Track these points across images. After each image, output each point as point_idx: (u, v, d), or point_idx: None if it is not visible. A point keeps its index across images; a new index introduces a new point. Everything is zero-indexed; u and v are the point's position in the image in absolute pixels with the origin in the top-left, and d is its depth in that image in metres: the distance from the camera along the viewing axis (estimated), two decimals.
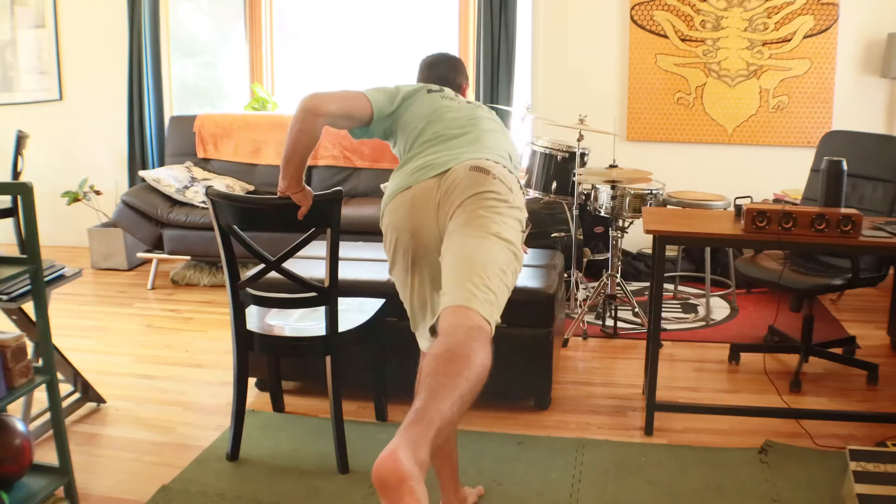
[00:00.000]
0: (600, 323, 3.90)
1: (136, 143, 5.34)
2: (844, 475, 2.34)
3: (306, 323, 2.67)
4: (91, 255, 5.17)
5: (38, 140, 5.21)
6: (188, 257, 4.73)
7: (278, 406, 3.01)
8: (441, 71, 2.37)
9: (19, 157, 4.03)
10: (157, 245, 4.75)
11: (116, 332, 3.96)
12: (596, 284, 4.01)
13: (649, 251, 4.64)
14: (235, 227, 2.42)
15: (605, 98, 4.95)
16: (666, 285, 4.42)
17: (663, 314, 4.01)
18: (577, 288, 4.13)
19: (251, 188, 5.07)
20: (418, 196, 1.98)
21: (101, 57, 5.47)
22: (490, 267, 1.76)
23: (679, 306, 4.24)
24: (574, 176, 4.00)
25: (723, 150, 4.91)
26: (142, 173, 4.85)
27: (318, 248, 2.66)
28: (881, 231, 2.54)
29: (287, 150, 2.12)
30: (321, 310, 2.58)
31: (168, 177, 4.85)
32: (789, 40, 4.69)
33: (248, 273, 2.58)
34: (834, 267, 3.21)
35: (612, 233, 3.85)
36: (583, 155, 4.03)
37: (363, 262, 3.22)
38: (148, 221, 4.70)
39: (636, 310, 3.90)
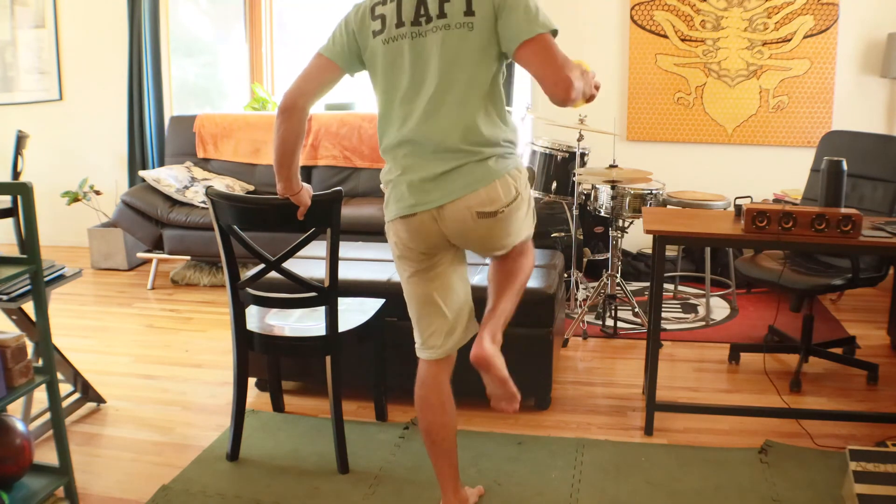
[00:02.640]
0: (600, 323, 3.90)
1: (136, 143, 5.34)
2: (844, 475, 2.34)
3: (306, 323, 2.67)
4: (91, 255, 5.17)
5: (38, 140, 5.21)
6: (188, 257, 4.73)
7: (278, 406, 3.01)
8: None
9: (19, 157, 4.04)
10: (157, 245, 4.75)
11: (116, 332, 3.96)
12: (596, 284, 4.01)
13: (649, 251, 4.64)
14: (235, 227, 2.42)
15: (605, 98, 4.94)
16: (666, 285, 4.42)
17: (663, 314, 4.01)
18: (577, 288, 4.13)
19: (251, 188, 5.07)
20: (423, 230, 1.99)
21: (101, 57, 5.47)
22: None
23: (679, 306, 4.24)
24: (574, 176, 4.00)
25: (723, 150, 4.91)
26: (142, 173, 4.85)
27: (318, 248, 2.66)
28: (881, 231, 2.54)
29: (275, 152, 2.12)
30: (321, 310, 2.58)
31: (168, 177, 4.85)
32: (789, 40, 4.69)
33: (248, 273, 2.58)
34: (834, 267, 3.21)
35: (612, 233, 3.85)
36: (583, 155, 4.03)
37: (363, 262, 3.22)
38: (148, 221, 4.70)
39: (636, 310, 3.90)
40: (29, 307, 2.46)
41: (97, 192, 5.33)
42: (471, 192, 1.91)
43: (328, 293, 2.44)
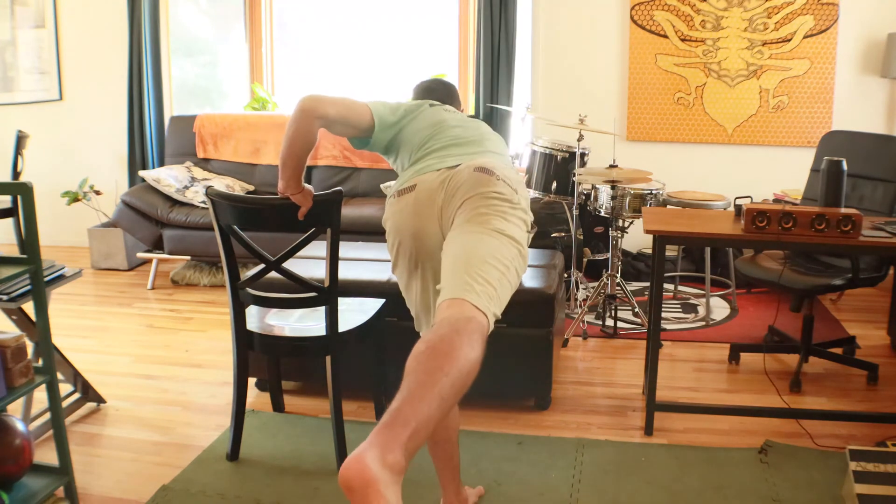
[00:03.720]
0: (600, 323, 3.90)
1: (136, 143, 5.34)
2: (844, 475, 2.34)
3: (306, 323, 2.67)
4: (91, 255, 5.17)
5: (38, 140, 5.21)
6: (188, 257, 4.73)
7: (278, 406, 3.01)
8: (438, 95, 2.36)
9: (19, 157, 4.03)
10: (157, 245, 4.75)
11: (116, 332, 3.96)
12: (596, 284, 4.01)
13: (649, 251, 4.64)
14: (235, 227, 2.42)
15: (605, 98, 4.96)
16: (666, 285, 4.42)
17: (663, 314, 4.01)
18: (577, 288, 4.13)
19: (251, 188, 5.07)
20: (421, 199, 1.96)
21: (101, 57, 5.47)
22: (490, 261, 1.71)
23: (679, 306, 4.24)
24: (574, 176, 4.00)
25: (723, 150, 4.91)
26: (142, 173, 4.85)
27: (318, 248, 2.66)
28: (881, 231, 2.54)
29: (283, 152, 2.10)
30: (321, 310, 2.58)
31: (168, 177, 4.85)
32: (789, 40, 4.69)
33: (248, 273, 2.58)
34: (834, 267, 3.21)
35: (612, 233, 3.85)
36: (583, 155, 4.03)
37: (363, 262, 3.22)
38: (148, 221, 4.70)
39: (636, 310, 3.90)
40: (29, 307, 2.46)
41: (97, 192, 5.33)
42: (478, 156, 2.02)
43: (328, 293, 2.44)
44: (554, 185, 4.12)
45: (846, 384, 3.20)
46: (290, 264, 2.48)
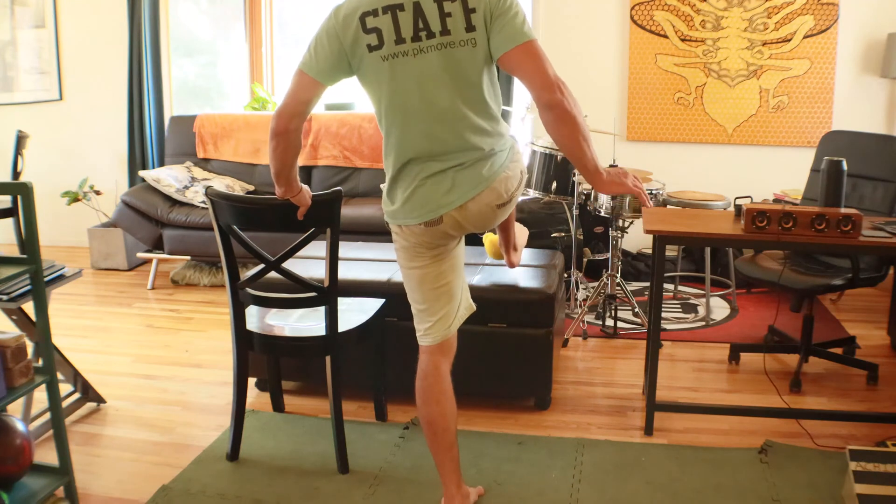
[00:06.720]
0: (600, 323, 3.90)
1: (136, 143, 5.35)
2: (844, 475, 2.34)
3: (306, 323, 2.67)
4: (91, 255, 5.17)
5: (38, 140, 5.21)
6: (188, 257, 4.73)
7: (278, 406, 3.01)
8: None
9: (19, 157, 4.03)
10: (157, 245, 4.75)
11: (116, 332, 3.96)
12: (596, 284, 4.01)
13: (649, 251, 4.64)
14: (235, 227, 2.42)
15: (605, 98, 4.96)
16: (666, 285, 4.42)
17: (663, 314, 4.02)
18: (577, 288, 4.13)
19: (251, 188, 5.07)
20: (446, 229, 2.06)
21: (101, 57, 5.47)
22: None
23: (679, 306, 4.24)
24: (574, 176, 4.00)
25: (723, 150, 4.91)
26: (142, 173, 4.86)
27: (318, 248, 2.66)
28: (881, 231, 2.54)
29: (274, 167, 2.15)
30: (321, 310, 2.58)
31: (168, 177, 4.85)
32: (789, 40, 4.69)
33: (248, 273, 2.58)
34: (834, 267, 3.21)
35: (612, 233, 3.85)
36: None
37: (363, 262, 3.22)
38: (148, 221, 4.70)
39: (636, 310, 3.90)
40: (29, 307, 2.46)
41: (97, 192, 5.33)
42: (485, 188, 2.01)
43: (328, 293, 2.44)
44: (554, 185, 4.12)
45: (846, 384, 3.20)
46: (290, 264, 2.48)
